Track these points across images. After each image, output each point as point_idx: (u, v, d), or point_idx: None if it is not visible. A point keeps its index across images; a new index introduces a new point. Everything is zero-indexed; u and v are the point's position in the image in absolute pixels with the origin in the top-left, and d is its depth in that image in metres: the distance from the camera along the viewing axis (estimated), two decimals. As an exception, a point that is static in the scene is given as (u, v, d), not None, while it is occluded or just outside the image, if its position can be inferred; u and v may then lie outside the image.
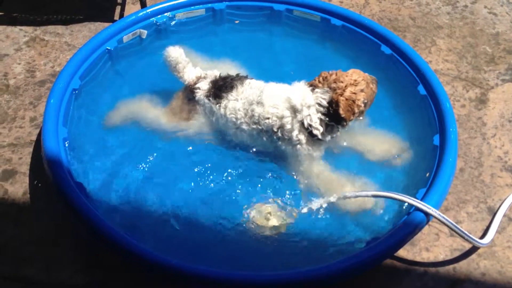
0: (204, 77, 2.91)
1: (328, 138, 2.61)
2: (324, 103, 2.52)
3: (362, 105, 2.53)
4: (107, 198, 2.60)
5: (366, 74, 2.62)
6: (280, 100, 2.62)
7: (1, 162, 2.87)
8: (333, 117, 2.52)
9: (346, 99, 2.47)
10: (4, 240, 2.53)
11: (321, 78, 2.60)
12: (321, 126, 2.56)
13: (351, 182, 2.59)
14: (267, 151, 2.75)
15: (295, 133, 2.59)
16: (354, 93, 2.50)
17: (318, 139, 2.59)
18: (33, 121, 3.09)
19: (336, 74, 2.56)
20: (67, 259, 2.46)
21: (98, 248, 2.48)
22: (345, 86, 2.50)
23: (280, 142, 2.66)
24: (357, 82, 2.53)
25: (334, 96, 2.50)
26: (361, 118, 2.66)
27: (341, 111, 2.47)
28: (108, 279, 2.39)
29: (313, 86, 2.60)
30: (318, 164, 2.67)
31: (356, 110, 2.50)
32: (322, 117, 2.54)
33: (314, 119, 2.54)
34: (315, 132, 2.56)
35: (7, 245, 2.52)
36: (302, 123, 2.57)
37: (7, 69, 3.44)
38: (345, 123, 2.56)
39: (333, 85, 2.52)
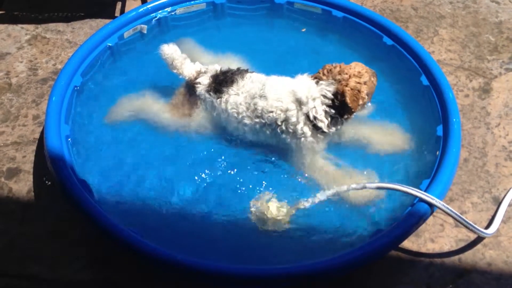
0: (205, 72, 2.90)
1: (333, 130, 2.62)
2: (329, 95, 2.53)
3: (366, 96, 2.54)
4: (110, 195, 2.60)
5: (367, 67, 2.63)
6: (284, 93, 2.62)
7: (5, 160, 2.88)
8: (339, 108, 2.53)
9: (352, 89, 2.48)
10: (10, 238, 2.54)
11: (325, 71, 2.61)
12: (326, 118, 2.57)
13: (354, 175, 2.58)
14: (270, 145, 2.75)
15: (300, 125, 2.59)
16: (359, 83, 2.51)
17: (323, 131, 2.59)
18: (36, 119, 3.10)
19: (340, 67, 2.58)
20: (73, 256, 2.46)
21: (104, 245, 2.49)
22: (349, 77, 2.51)
23: (283, 135, 2.66)
24: (360, 74, 2.54)
25: (340, 87, 2.51)
26: (364, 110, 2.67)
27: (348, 101, 2.47)
28: (113, 275, 2.40)
29: (317, 79, 2.61)
30: (321, 157, 2.67)
31: (361, 101, 2.52)
32: (327, 109, 2.55)
33: (319, 111, 2.55)
34: (320, 124, 2.56)
35: (13, 243, 2.53)
36: (307, 116, 2.57)
37: (10, 67, 3.45)
38: (349, 115, 2.56)
39: (338, 77, 2.54)
